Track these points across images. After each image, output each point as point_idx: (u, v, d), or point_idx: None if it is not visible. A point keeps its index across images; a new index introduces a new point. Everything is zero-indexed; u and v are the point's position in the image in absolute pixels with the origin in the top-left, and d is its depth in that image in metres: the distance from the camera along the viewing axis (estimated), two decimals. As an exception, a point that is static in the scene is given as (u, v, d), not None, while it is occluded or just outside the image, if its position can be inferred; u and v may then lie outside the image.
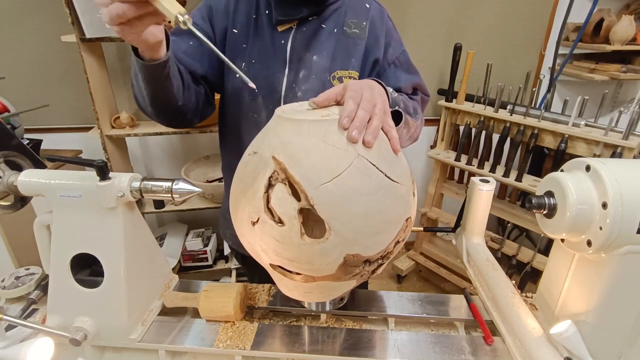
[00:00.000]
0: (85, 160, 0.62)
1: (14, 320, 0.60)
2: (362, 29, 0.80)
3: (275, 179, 0.53)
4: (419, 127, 0.81)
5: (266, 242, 0.54)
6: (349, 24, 0.80)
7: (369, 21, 0.81)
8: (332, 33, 0.80)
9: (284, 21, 0.79)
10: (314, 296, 0.65)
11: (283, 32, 0.80)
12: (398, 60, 0.84)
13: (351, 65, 0.80)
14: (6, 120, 1.49)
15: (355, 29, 0.80)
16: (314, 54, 0.79)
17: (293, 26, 0.79)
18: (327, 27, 0.80)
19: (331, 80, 0.79)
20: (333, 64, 0.79)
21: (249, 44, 0.80)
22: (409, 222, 0.60)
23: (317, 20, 0.80)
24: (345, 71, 0.80)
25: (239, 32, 0.81)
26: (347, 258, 0.53)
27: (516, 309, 0.67)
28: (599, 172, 0.53)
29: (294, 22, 0.79)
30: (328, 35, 0.80)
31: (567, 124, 1.53)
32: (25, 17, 1.69)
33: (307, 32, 0.79)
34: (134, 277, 0.68)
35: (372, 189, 0.52)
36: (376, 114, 0.56)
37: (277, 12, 0.78)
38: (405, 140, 0.77)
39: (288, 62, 0.80)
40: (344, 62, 0.80)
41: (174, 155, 2.10)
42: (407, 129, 0.74)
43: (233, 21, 0.81)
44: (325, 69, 0.79)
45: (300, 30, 0.79)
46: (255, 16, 0.80)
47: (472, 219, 0.84)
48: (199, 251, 1.99)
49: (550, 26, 2.06)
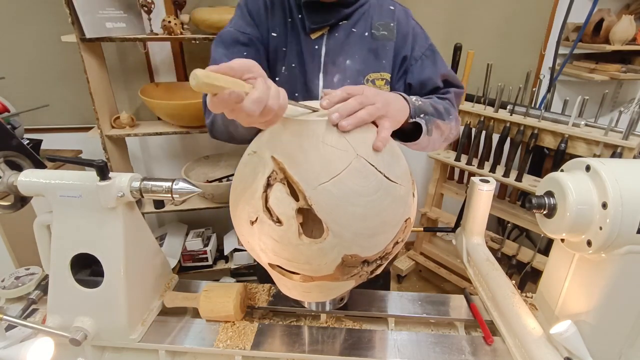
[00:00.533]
0: (85, 160, 0.62)
1: (14, 320, 0.60)
2: (390, 30, 0.82)
3: (274, 178, 0.53)
4: (453, 128, 0.81)
5: (264, 242, 0.54)
6: (377, 27, 0.81)
7: (396, 22, 0.82)
8: (362, 36, 0.81)
9: (315, 29, 0.79)
10: (312, 296, 0.65)
11: (316, 39, 0.81)
12: (424, 55, 0.84)
13: (382, 67, 0.81)
14: (6, 120, 1.49)
15: (383, 31, 0.81)
16: (347, 58, 0.80)
17: (325, 32, 0.80)
18: (358, 30, 0.81)
19: (365, 83, 0.81)
20: (365, 67, 0.81)
21: (287, 47, 0.81)
22: (408, 223, 0.60)
23: (347, 24, 0.81)
24: (377, 73, 0.81)
25: (277, 36, 0.81)
26: (345, 258, 0.53)
27: (516, 309, 0.67)
28: (599, 172, 0.53)
29: (326, 29, 0.80)
30: (359, 39, 0.81)
31: (567, 124, 1.52)
32: (25, 17, 1.69)
33: (339, 37, 0.80)
34: (134, 277, 0.68)
35: (370, 189, 0.52)
36: (367, 109, 0.56)
37: (308, 21, 0.79)
38: (440, 143, 0.79)
39: (323, 66, 0.81)
40: (376, 65, 0.81)
41: (174, 155, 2.10)
42: (439, 132, 0.74)
43: (272, 24, 0.81)
44: (358, 72, 0.80)
45: (333, 35, 0.80)
46: (290, 19, 0.81)
47: (472, 219, 0.84)
48: (199, 251, 1.99)
49: (550, 26, 2.06)
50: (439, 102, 0.78)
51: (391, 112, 0.60)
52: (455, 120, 0.82)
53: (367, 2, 0.82)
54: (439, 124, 0.74)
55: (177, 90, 1.80)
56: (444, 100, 0.82)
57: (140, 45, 1.77)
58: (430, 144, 0.75)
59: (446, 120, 0.76)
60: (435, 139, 0.74)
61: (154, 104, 1.61)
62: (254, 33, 0.80)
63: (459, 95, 0.88)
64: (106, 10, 1.49)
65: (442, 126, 0.75)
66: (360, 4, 0.81)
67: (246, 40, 0.79)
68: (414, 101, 0.69)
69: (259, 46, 0.80)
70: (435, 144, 0.77)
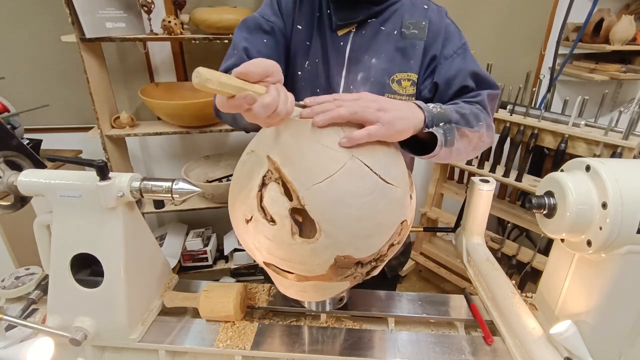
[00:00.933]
0: (85, 160, 0.62)
1: (14, 320, 0.60)
2: (421, 29, 0.78)
3: (269, 178, 0.54)
4: (484, 135, 0.72)
5: (259, 241, 0.55)
6: (407, 25, 0.78)
7: (428, 20, 0.79)
8: (390, 35, 0.78)
9: (342, 25, 0.77)
10: (308, 295, 0.65)
11: (342, 36, 0.79)
12: (456, 53, 0.78)
13: (409, 67, 0.78)
14: (6, 120, 1.49)
15: (414, 30, 0.78)
16: (372, 56, 0.78)
17: (352, 29, 0.78)
18: (386, 29, 0.78)
19: (390, 83, 0.78)
20: (392, 66, 0.78)
21: (312, 42, 0.79)
22: (405, 225, 0.59)
23: (376, 22, 0.78)
24: (404, 73, 0.78)
25: (303, 29, 0.80)
26: (338, 259, 0.53)
27: (516, 309, 0.67)
28: (599, 172, 0.53)
29: (353, 26, 0.78)
30: (387, 38, 0.78)
31: (567, 124, 1.52)
32: (25, 17, 1.69)
33: (366, 35, 0.78)
34: (134, 277, 0.68)
35: (365, 190, 0.52)
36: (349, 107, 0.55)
37: (335, 17, 0.77)
38: (468, 153, 0.71)
39: (346, 63, 0.78)
40: (403, 65, 0.78)
41: (174, 155, 2.10)
42: (465, 140, 0.67)
43: (298, 17, 0.80)
44: (384, 72, 0.77)
45: (360, 33, 0.78)
46: (319, 14, 0.79)
47: (472, 219, 0.84)
48: (199, 251, 1.99)
49: (550, 26, 2.06)
50: (466, 107, 0.70)
51: (385, 119, 0.55)
52: (487, 127, 0.73)
53: (399, 0, 0.79)
54: (465, 132, 0.67)
55: (177, 90, 1.81)
56: (474, 104, 0.73)
57: (140, 45, 1.77)
58: (453, 154, 0.67)
59: (475, 127, 0.68)
60: (460, 148, 0.66)
61: (154, 104, 1.61)
62: (278, 23, 0.79)
63: (494, 97, 0.78)
64: (106, 10, 1.49)
65: (469, 134, 0.67)
66: (391, 2, 0.78)
67: (268, 28, 0.78)
68: (432, 109, 0.64)
69: (280, 37, 0.79)
70: (462, 154, 0.69)
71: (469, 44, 0.81)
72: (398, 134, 0.58)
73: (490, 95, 0.76)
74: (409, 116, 0.61)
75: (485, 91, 0.75)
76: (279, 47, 0.79)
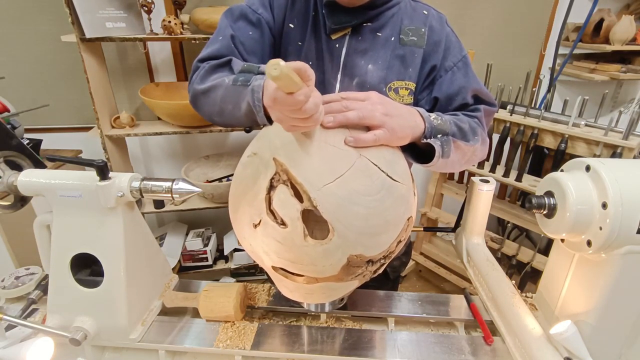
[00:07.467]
0: (85, 160, 0.62)
1: (14, 320, 0.60)
2: (421, 36, 0.76)
3: (277, 180, 0.53)
4: (478, 150, 0.73)
5: (268, 244, 0.54)
6: (406, 32, 0.76)
7: (427, 27, 0.76)
8: (388, 41, 0.75)
9: (337, 29, 0.75)
10: (315, 297, 0.64)
11: (337, 39, 0.76)
12: (456, 67, 0.77)
13: (408, 76, 0.76)
14: (6, 120, 1.49)
15: (413, 37, 0.75)
16: (369, 62, 0.75)
17: (347, 33, 0.75)
18: (383, 34, 0.75)
19: (387, 91, 0.75)
20: (389, 73, 0.75)
21: (305, 42, 0.76)
22: (410, 222, 0.60)
23: (372, 26, 0.75)
24: (401, 82, 0.76)
25: (295, 28, 0.76)
26: (350, 259, 0.53)
27: (516, 309, 0.67)
28: (599, 172, 0.53)
29: (347, 30, 0.75)
30: (384, 44, 0.75)
31: (567, 124, 1.52)
32: (25, 17, 1.69)
33: (362, 39, 0.75)
34: (134, 277, 0.68)
35: (374, 189, 0.52)
36: (358, 111, 0.55)
37: (329, 21, 0.74)
38: (460, 165, 0.72)
39: (342, 68, 0.76)
40: (401, 72, 0.75)
41: (174, 155, 2.10)
42: (459, 153, 0.68)
43: (290, 15, 0.76)
44: (380, 79, 0.75)
45: (355, 37, 0.75)
46: (314, 14, 0.76)
47: (472, 219, 0.84)
48: (199, 251, 1.99)
49: (550, 26, 2.06)
50: (465, 121, 0.71)
51: (390, 125, 0.57)
52: (482, 142, 0.74)
53: (396, 5, 0.76)
54: (460, 146, 0.68)
55: (177, 90, 1.81)
56: (472, 118, 0.74)
57: (140, 45, 1.77)
58: (448, 165, 0.68)
59: (470, 141, 0.70)
60: (454, 160, 0.67)
61: (154, 103, 1.61)
62: (265, 16, 0.75)
63: (490, 113, 0.79)
64: (106, 10, 1.49)
65: (463, 148, 0.69)
66: (388, 6, 0.75)
67: (255, 20, 0.75)
68: (432, 120, 0.64)
69: (267, 31, 0.76)
70: (455, 165, 0.70)
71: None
72: (398, 140, 0.60)
73: (487, 111, 0.78)
74: (412, 125, 0.61)
75: (483, 106, 0.77)
76: (264, 41, 0.76)
